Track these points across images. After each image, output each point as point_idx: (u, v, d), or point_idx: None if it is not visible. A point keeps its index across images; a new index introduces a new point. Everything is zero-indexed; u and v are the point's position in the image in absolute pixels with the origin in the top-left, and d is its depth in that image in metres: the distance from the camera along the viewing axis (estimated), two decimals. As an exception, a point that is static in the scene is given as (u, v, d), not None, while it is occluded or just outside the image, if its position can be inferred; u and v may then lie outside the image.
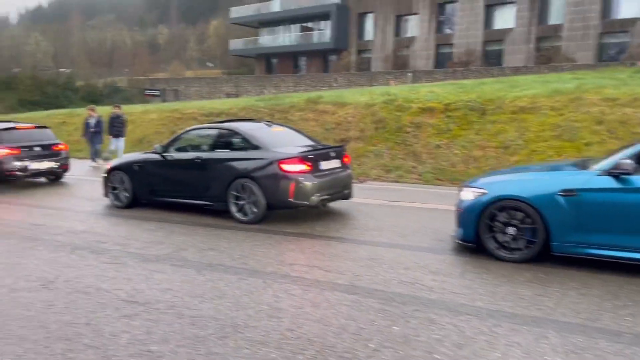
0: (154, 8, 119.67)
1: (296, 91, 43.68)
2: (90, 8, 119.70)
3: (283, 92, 44.30)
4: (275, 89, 44.98)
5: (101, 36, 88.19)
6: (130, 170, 8.36)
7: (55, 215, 8.14)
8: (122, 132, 15.04)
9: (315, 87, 42.03)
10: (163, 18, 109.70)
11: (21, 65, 62.53)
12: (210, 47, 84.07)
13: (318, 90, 40.90)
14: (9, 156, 10.62)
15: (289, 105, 16.87)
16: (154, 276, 4.97)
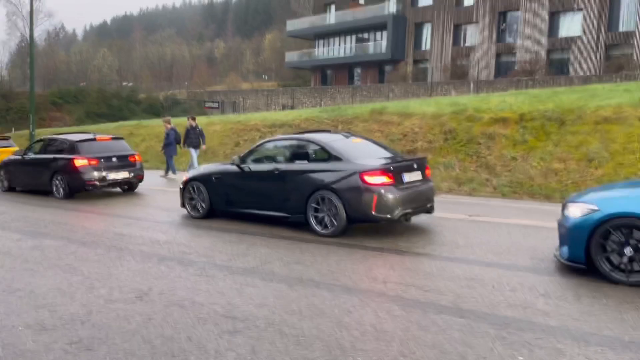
0: (211, 23, 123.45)
1: (352, 102, 43.59)
2: (151, 24, 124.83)
3: (339, 103, 44.31)
4: (331, 100, 45.07)
5: (161, 51, 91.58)
6: (208, 181, 8.39)
7: (135, 225, 8.27)
8: (197, 143, 15.07)
9: (371, 98, 41.81)
10: (220, 32, 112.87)
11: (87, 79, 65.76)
12: (266, 59, 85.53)
13: (374, 101, 40.67)
14: (89, 166, 10.97)
15: (352, 116, 16.72)
16: (245, 290, 4.86)
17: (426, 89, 38.42)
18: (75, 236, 7.51)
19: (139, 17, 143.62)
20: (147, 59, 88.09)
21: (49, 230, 8.02)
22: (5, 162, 12.70)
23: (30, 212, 9.70)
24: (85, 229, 8.04)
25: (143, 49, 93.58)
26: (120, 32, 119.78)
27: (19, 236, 7.54)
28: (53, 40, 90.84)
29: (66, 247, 6.79)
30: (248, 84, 70.01)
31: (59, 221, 8.82)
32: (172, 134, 14.94)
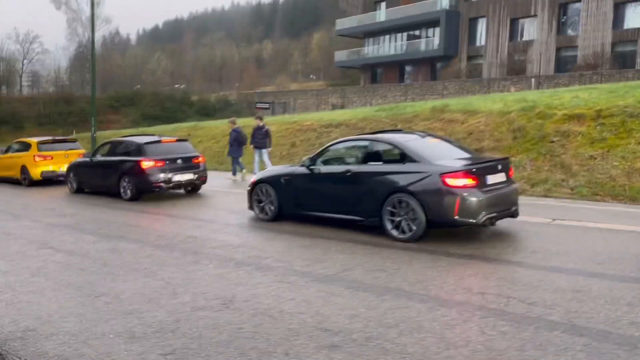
0: (259, 24, 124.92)
1: (404, 100, 42.88)
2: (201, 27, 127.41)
3: (390, 102, 43.69)
4: (382, 98, 44.51)
5: (211, 53, 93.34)
6: (277, 183, 8.24)
7: (205, 227, 8.22)
8: (264, 144, 14.68)
9: (423, 96, 40.99)
10: (268, 33, 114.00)
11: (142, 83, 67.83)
12: (314, 59, 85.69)
13: (427, 99, 39.84)
14: (155, 168, 11.07)
15: (412, 114, 16.29)
16: (333, 299, 4.63)
17: (482, 85, 37.31)
18: (148, 239, 7.52)
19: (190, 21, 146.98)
20: (198, 62, 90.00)
21: (123, 232, 8.08)
22: (74, 165, 13.05)
23: (101, 214, 9.86)
24: (157, 231, 8.06)
25: (194, 52, 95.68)
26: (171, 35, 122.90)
27: (95, 238, 7.62)
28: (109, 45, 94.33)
29: (142, 250, 6.78)
30: (297, 85, 70.33)
31: (130, 223, 8.90)
32: (232, 135, 14.84)
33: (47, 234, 8.09)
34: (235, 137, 14.74)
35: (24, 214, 10.11)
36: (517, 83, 35.00)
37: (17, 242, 7.52)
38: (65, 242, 7.47)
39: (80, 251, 6.84)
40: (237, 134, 14.76)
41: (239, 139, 14.72)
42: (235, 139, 14.72)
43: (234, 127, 14.95)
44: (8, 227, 8.67)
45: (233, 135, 14.78)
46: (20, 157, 15.11)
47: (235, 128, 14.93)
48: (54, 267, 6.06)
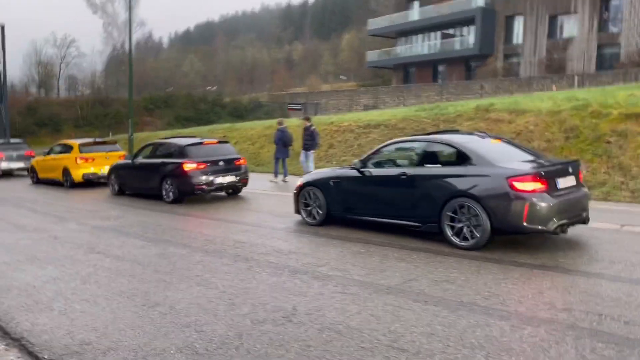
0: (289, 26, 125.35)
1: (439, 100, 42.13)
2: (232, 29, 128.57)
3: (424, 102, 42.96)
4: (416, 98, 43.82)
5: (242, 55, 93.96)
6: (325, 186, 7.95)
7: (252, 231, 7.98)
8: (310, 145, 14.19)
9: (458, 96, 40.16)
10: (298, 35, 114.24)
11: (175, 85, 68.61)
12: (344, 60, 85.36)
13: (462, 98, 38.99)
14: (197, 170, 10.93)
15: (454, 114, 15.80)
16: (402, 314, 4.30)
17: (520, 84, 36.31)
18: (196, 243, 7.32)
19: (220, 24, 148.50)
20: (229, 64, 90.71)
21: (169, 236, 7.92)
22: (115, 167, 13.05)
23: (145, 217, 9.75)
24: (204, 235, 7.85)
25: (225, 54, 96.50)
26: (203, 38, 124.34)
27: (142, 242, 7.47)
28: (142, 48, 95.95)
29: (191, 256, 6.58)
30: (328, 86, 70.10)
31: (175, 227, 8.74)
32: (276, 135, 14.33)
33: (93, 237, 7.98)
34: (279, 137, 14.32)
35: (69, 216, 10.08)
36: (557, 81, 33.94)
37: (64, 246, 7.42)
38: (112, 246, 7.33)
39: (129, 256, 6.68)
40: (282, 134, 14.31)
41: (283, 139, 14.28)
42: (279, 139, 14.30)
43: (279, 127, 14.53)
44: (55, 230, 8.61)
45: (278, 135, 14.38)
46: (62, 159, 15.24)
47: (280, 128, 14.50)
48: (104, 274, 5.90)
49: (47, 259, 6.64)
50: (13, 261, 6.57)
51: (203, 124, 52.52)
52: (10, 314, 4.70)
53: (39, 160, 16.54)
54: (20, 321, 4.51)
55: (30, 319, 4.57)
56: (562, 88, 32.81)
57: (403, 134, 16.43)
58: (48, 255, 6.89)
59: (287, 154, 14.46)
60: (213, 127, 27.78)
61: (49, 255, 6.85)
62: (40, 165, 16.34)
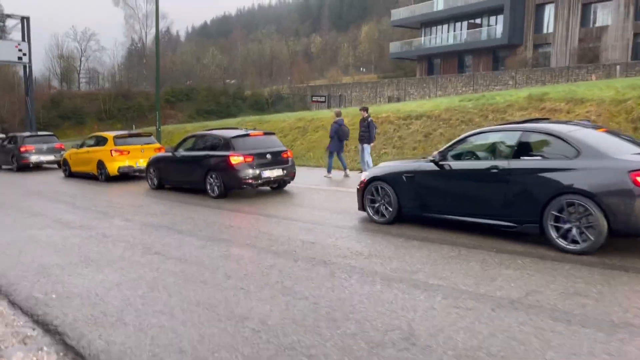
0: (307, 18, 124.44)
1: (465, 92, 41.07)
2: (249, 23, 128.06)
3: (450, 93, 41.95)
4: (442, 90, 42.84)
5: (261, 48, 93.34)
6: (397, 181, 7.23)
7: (317, 230, 7.30)
8: (367, 138, 13.15)
9: (487, 87, 39.10)
10: (315, 27, 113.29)
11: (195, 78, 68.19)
12: (363, 52, 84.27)
13: (491, 90, 37.92)
14: (244, 163, 10.29)
15: (504, 104, 14.95)
16: (551, 338, 3.58)
17: (553, 74, 35.14)
18: (260, 243, 6.67)
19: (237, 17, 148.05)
20: (248, 57, 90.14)
21: (227, 235, 7.28)
22: (155, 160, 12.47)
23: (193, 213, 9.13)
24: (264, 234, 7.20)
25: (244, 47, 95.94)
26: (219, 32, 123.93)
27: (200, 242, 6.84)
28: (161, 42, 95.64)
29: (261, 258, 5.93)
30: (349, 78, 69.16)
31: (229, 224, 8.10)
32: (333, 128, 13.23)
33: (145, 235, 7.38)
34: (335, 130, 13.19)
35: (112, 212, 9.51)
36: (594, 71, 32.72)
37: (117, 245, 6.83)
38: (169, 245, 6.72)
39: (192, 258, 6.06)
40: (339, 127, 13.20)
41: (339, 133, 13.21)
42: (336, 132, 13.19)
43: (336, 119, 13.45)
44: (102, 227, 8.03)
45: (334, 128, 13.25)
46: (96, 151, 14.74)
47: (337, 120, 13.42)
48: (170, 278, 5.27)
49: (103, 261, 6.04)
50: (66, 263, 5.99)
51: (224, 117, 52.18)
52: (79, 329, 4.09)
53: (72, 153, 16.06)
54: (92, 339, 3.90)
55: (103, 335, 3.95)
56: (600, 78, 31.62)
57: (447, 125, 15.65)
58: (102, 256, 6.30)
59: (342, 148, 13.52)
60: (242, 119, 27.16)
61: (103, 256, 6.26)
62: (73, 159, 15.87)
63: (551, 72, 35.48)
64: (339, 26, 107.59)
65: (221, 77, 65.95)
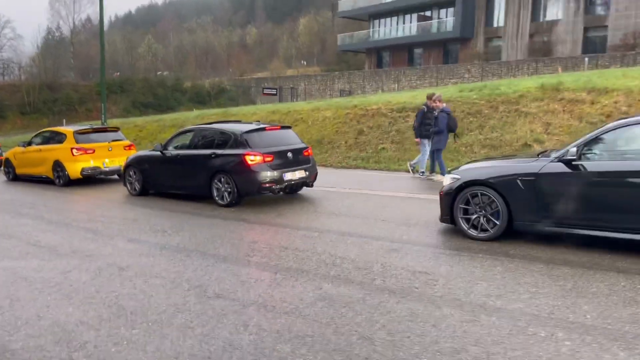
0: (240, 9, 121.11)
1: (420, 85, 40.57)
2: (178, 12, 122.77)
3: (404, 86, 41.32)
4: (396, 83, 42.13)
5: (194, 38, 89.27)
6: (509, 186, 5.73)
7: (401, 250, 5.67)
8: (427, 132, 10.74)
9: (442, 80, 38.79)
10: (249, 19, 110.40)
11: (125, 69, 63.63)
12: (304, 44, 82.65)
13: (446, 83, 37.59)
14: (263, 164, 8.45)
15: (515, 94, 13.94)
16: None
17: (509, 67, 35.27)
18: (348, 273, 4.96)
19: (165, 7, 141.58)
20: (182, 48, 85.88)
21: (288, 260, 5.48)
22: (136, 160, 10.27)
23: (213, 229, 7.20)
24: (337, 257, 5.48)
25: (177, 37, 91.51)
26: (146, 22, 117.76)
27: (262, 274, 5.04)
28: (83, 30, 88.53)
29: (363, 298, 4.26)
30: (293, 70, 67.40)
31: (274, 243, 6.27)
32: (441, 119, 10.41)
33: (178, 266, 5.45)
34: (445, 122, 10.43)
35: (104, 229, 7.38)
36: (549, 65, 33.06)
37: (151, 284, 4.89)
38: (224, 281, 4.87)
39: (271, 301, 4.29)
40: (449, 117, 10.51)
41: (451, 125, 10.51)
42: (447, 123, 10.43)
43: (443, 107, 10.55)
44: (106, 254, 5.98)
45: (443, 119, 10.41)
46: (51, 150, 12.22)
47: (445, 108, 10.62)
48: (285, 346, 3.50)
49: (151, 314, 4.13)
50: (96, 321, 4.02)
51: (163, 110, 48.85)
52: None
53: (17, 153, 13.36)
54: None
55: None
56: (555, 71, 31.95)
57: (452, 118, 14.44)
58: (143, 304, 4.37)
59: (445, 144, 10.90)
60: (202, 112, 24.76)
61: (146, 306, 4.33)
62: (19, 159, 13.19)
63: (507, 66, 35.60)
64: (274, 18, 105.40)
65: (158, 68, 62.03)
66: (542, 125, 12.45)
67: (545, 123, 12.43)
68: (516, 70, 34.71)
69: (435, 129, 10.53)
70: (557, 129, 12.12)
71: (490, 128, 13.24)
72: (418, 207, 8.07)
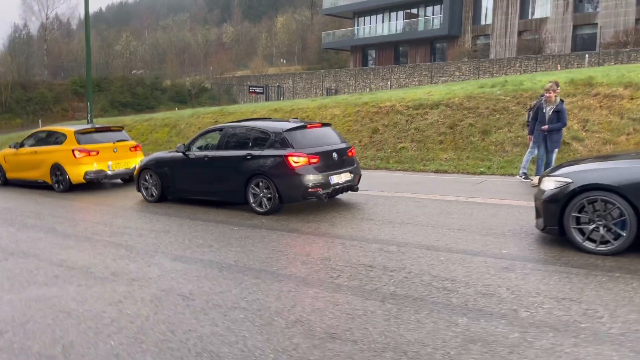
0: (215, 7, 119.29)
1: (409, 83, 40.00)
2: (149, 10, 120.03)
3: (394, 85, 40.69)
4: (384, 81, 41.51)
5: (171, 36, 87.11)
6: (638, 191, 4.92)
7: (515, 269, 4.82)
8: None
9: (432, 78, 38.32)
10: (225, 17, 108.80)
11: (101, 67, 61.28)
12: (283, 43, 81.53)
13: (436, 81, 37.11)
14: (309, 166, 7.50)
15: (543, 89, 13.25)
16: None
17: (501, 65, 35.00)
18: (453, 299, 4.08)
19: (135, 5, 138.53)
20: (158, 46, 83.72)
21: (380, 281, 4.56)
22: (153, 162, 9.17)
23: (269, 243, 6.22)
24: (438, 278, 4.60)
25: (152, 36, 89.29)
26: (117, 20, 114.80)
27: (356, 299, 4.10)
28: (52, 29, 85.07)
29: (501, 331, 3.37)
30: (275, 69, 66.25)
31: (356, 261, 5.31)
32: (563, 112, 8.86)
33: (252, 292, 4.48)
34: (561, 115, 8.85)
35: (134, 243, 6.32)
36: (542, 63, 32.86)
37: (227, 315, 3.92)
38: (324, 313, 3.94)
39: (401, 343, 3.36)
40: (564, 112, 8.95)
41: (564, 120, 8.95)
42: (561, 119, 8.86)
43: (560, 102, 9.02)
44: (153, 277, 4.96)
45: (562, 112, 8.86)
46: (49, 152, 10.99)
47: (562, 99, 9.29)
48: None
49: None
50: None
51: (142, 110, 47.17)
52: None
53: (7, 155, 12.05)
54: None
55: None
56: (548, 69, 31.75)
57: (476, 115, 13.72)
58: (242, 352, 3.40)
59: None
60: (195, 110, 23.50)
61: (244, 353, 3.37)
62: (10, 162, 11.90)
63: (499, 63, 35.32)
64: (250, 16, 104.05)
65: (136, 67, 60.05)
66: (578, 122, 11.80)
67: (582, 120, 11.79)
68: (508, 68, 34.45)
69: (558, 125, 8.88)
70: (597, 126, 11.48)
71: (520, 125, 12.54)
72: (486, 213, 7.24)
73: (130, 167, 11.22)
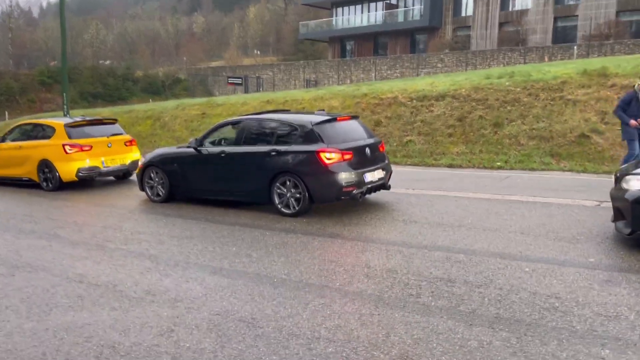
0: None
1: (391, 75, 39.51)
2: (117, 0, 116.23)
3: (375, 76, 40.12)
4: (365, 73, 40.93)
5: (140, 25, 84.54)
6: None
7: (619, 283, 4.27)
8: None
9: (415, 70, 37.92)
10: (194, 7, 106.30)
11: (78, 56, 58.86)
12: (256, 33, 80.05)
13: (419, 72, 36.74)
14: (342, 163, 6.80)
15: (555, 80, 12.89)
16: None
17: (484, 57, 34.83)
18: (560, 321, 3.50)
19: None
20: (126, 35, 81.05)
21: (460, 298, 3.95)
22: (159, 159, 8.29)
23: (309, 250, 5.53)
24: (522, 291, 4.02)
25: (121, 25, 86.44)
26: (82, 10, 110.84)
27: (454, 324, 3.47)
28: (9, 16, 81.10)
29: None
30: (251, 59, 64.95)
31: (423, 273, 4.69)
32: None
33: (324, 315, 3.79)
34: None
35: (158, 253, 5.52)
36: (525, 54, 32.82)
37: (310, 348, 3.24)
38: (422, 343, 3.31)
39: None
40: None
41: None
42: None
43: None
44: (195, 295, 4.22)
45: None
46: (37, 147, 9.96)
47: None
48: None
49: None
50: None
51: (113, 101, 45.40)
52: None
53: (-13, 150, 10.92)
54: None
55: None
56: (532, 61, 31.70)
57: (485, 107, 13.24)
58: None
59: None
60: (180, 102, 22.41)
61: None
62: (-9, 158, 10.79)
63: (482, 55, 35.16)
64: (221, 5, 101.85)
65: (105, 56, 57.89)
66: (596, 114, 11.42)
67: (600, 112, 11.41)
68: (492, 60, 34.31)
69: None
70: (616, 118, 11.10)
71: (534, 117, 12.10)
72: (538, 213, 6.70)
73: (126, 163, 10.31)
